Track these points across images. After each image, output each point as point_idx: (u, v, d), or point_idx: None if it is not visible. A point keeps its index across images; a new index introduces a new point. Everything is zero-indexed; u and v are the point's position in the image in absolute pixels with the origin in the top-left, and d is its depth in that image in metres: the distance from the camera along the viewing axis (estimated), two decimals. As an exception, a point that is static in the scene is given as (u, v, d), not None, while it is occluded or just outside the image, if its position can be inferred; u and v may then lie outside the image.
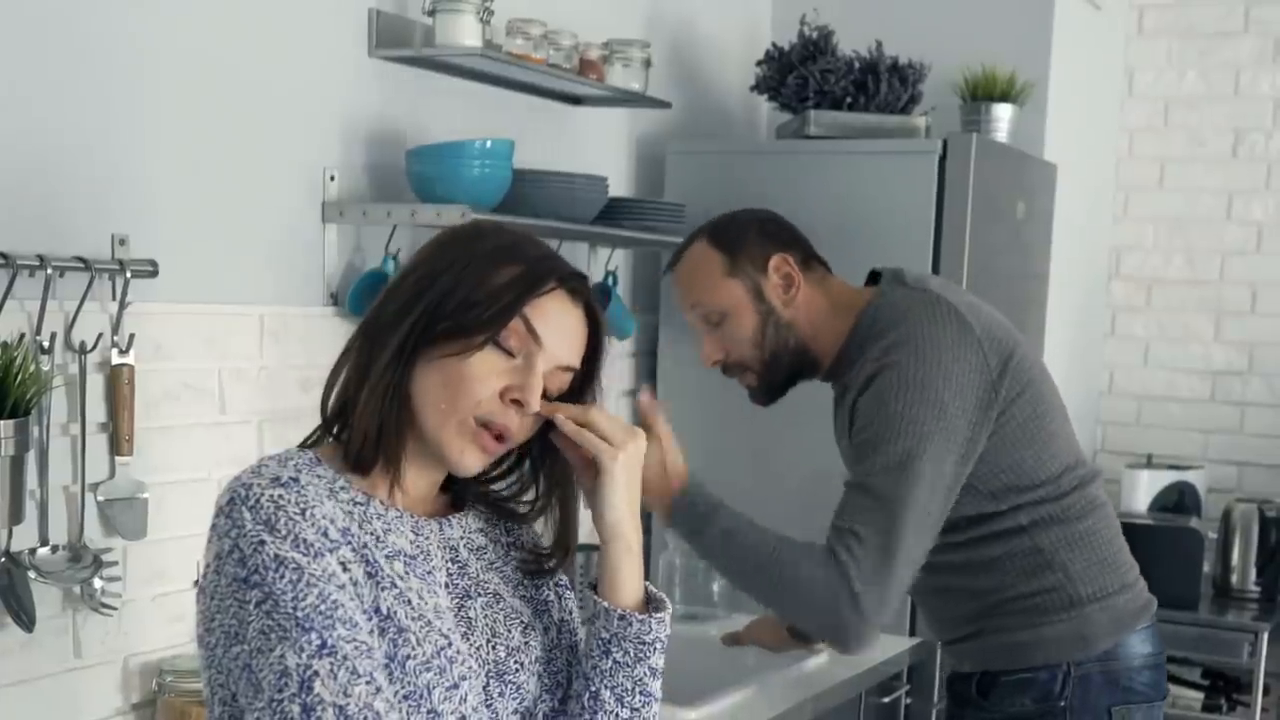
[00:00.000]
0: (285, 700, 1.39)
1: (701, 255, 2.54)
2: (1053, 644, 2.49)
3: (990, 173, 3.39)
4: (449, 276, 1.54)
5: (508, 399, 1.54)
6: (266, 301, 2.61)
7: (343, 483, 1.54)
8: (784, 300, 2.52)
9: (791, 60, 3.57)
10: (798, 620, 2.58)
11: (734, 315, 2.53)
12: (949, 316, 2.42)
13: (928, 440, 2.32)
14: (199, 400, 2.49)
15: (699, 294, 2.55)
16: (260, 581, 1.41)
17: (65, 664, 2.30)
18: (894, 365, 2.37)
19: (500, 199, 2.74)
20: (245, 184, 2.55)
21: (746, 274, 2.51)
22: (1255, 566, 4.24)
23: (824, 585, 2.29)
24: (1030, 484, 2.46)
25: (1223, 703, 4.27)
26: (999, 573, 2.50)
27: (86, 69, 2.26)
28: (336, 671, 1.39)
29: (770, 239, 2.54)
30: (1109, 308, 4.84)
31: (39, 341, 2.19)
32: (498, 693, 1.58)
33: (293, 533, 1.43)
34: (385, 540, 1.53)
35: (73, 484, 2.29)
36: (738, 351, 2.55)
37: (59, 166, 2.24)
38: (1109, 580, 2.50)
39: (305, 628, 1.40)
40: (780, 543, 2.35)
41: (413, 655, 1.49)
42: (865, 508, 2.32)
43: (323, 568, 1.43)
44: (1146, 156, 4.76)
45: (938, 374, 2.35)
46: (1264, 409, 4.65)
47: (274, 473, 1.48)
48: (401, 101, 2.87)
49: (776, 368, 2.56)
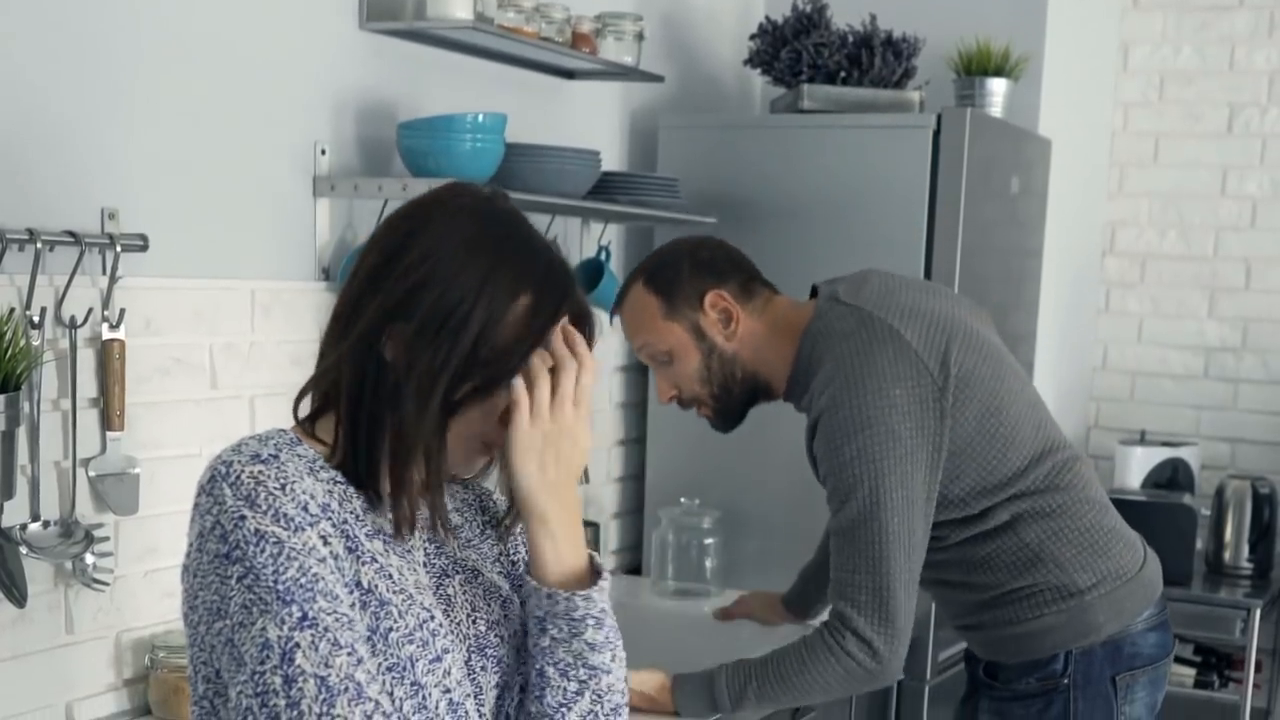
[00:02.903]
0: (267, 672, 1.39)
1: (639, 299, 2.56)
2: (1056, 633, 2.51)
3: (984, 148, 3.38)
4: (470, 310, 1.49)
5: (506, 423, 1.54)
6: (257, 276, 2.59)
7: (321, 462, 1.54)
8: (725, 335, 2.54)
9: (785, 34, 3.56)
10: (846, 694, 2.65)
11: (678, 355, 2.55)
12: (884, 337, 2.42)
13: (888, 474, 2.37)
14: (190, 375, 2.48)
15: (643, 337, 2.58)
16: (241, 556, 1.42)
17: (57, 640, 2.30)
18: (836, 406, 2.40)
19: (492, 173, 2.73)
20: (236, 157, 2.54)
21: (683, 314, 2.53)
22: (1248, 543, 4.24)
23: (834, 667, 2.42)
24: (1000, 482, 2.46)
25: (1215, 679, 4.29)
26: (991, 570, 2.51)
27: (75, 43, 2.24)
28: (318, 643, 1.40)
29: (705, 273, 2.54)
30: (1103, 283, 4.84)
31: (29, 316, 2.18)
32: (479, 666, 1.59)
33: (273, 508, 1.43)
34: (364, 518, 1.54)
35: (64, 459, 2.28)
36: (688, 388, 2.59)
37: (48, 140, 2.22)
38: (1106, 567, 2.50)
39: (286, 600, 1.40)
40: (780, 660, 2.48)
41: (395, 628, 1.49)
42: (850, 558, 2.41)
43: (303, 541, 1.44)
44: (1141, 131, 4.75)
45: (882, 403, 2.37)
46: (1258, 385, 4.66)
47: (254, 450, 1.48)
48: (393, 75, 2.86)
49: (728, 399, 2.60)
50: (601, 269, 3.36)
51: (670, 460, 3.64)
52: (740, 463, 3.51)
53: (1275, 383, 4.63)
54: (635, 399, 3.75)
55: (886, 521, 2.37)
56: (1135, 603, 2.53)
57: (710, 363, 2.55)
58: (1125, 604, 2.51)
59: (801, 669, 2.44)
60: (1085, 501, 2.52)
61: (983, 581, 2.52)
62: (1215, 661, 4.31)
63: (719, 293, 2.52)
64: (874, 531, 2.38)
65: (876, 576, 2.38)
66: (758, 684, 2.47)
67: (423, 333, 1.49)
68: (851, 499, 2.39)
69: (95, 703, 2.37)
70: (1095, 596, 2.48)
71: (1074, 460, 2.56)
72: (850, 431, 2.38)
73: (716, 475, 3.54)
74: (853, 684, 2.45)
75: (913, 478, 2.38)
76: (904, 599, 2.39)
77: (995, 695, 2.61)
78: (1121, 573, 2.51)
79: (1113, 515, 2.59)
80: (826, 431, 2.41)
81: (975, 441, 2.43)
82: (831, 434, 2.40)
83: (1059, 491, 2.50)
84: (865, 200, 3.33)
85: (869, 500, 2.37)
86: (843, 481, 2.40)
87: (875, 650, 2.39)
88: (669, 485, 3.59)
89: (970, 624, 2.61)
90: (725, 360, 2.55)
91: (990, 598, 2.52)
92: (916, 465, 2.38)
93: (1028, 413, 2.53)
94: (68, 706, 2.33)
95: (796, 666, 2.45)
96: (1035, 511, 2.47)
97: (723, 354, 2.54)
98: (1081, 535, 2.49)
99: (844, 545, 2.42)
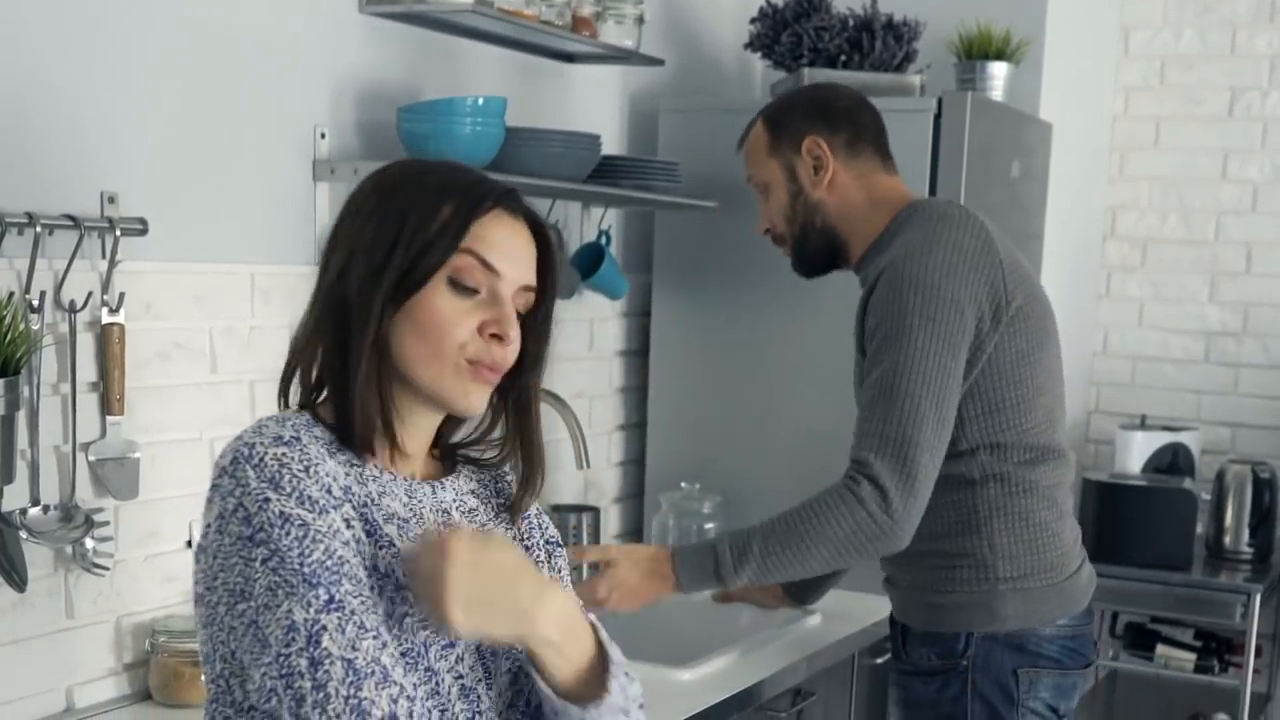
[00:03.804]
0: (293, 655, 1.39)
1: (756, 131, 2.69)
2: (962, 612, 2.53)
3: (985, 132, 3.37)
4: (399, 231, 1.53)
5: (486, 334, 1.54)
6: (257, 260, 2.59)
7: (338, 444, 1.55)
8: (813, 182, 2.62)
9: (785, 17, 3.55)
10: (853, 555, 2.52)
11: (772, 189, 2.67)
12: (976, 231, 2.50)
13: (941, 337, 2.39)
14: (190, 359, 2.47)
15: (750, 167, 2.71)
16: (266, 539, 1.42)
17: (58, 624, 2.30)
18: (909, 258, 2.45)
19: (492, 157, 2.72)
20: (236, 141, 2.53)
21: (783, 153, 2.64)
22: (1248, 528, 4.23)
23: (845, 517, 2.40)
24: (1001, 428, 2.47)
25: (1215, 664, 4.28)
26: (933, 518, 2.48)
27: (75, 27, 2.23)
28: (344, 626, 1.40)
29: (815, 119, 2.63)
30: (1104, 268, 4.83)
31: (28, 300, 2.17)
32: (491, 652, 1.59)
33: (298, 490, 1.44)
34: (380, 503, 1.54)
35: (64, 444, 2.27)
36: (778, 224, 2.68)
37: (47, 124, 2.22)
38: (1031, 564, 2.51)
39: (312, 583, 1.40)
40: (790, 512, 2.46)
41: (410, 613, 1.49)
42: (882, 408, 2.40)
43: (328, 524, 1.44)
44: (1142, 115, 4.74)
45: (953, 277, 2.42)
46: (1258, 370, 4.65)
47: (275, 432, 1.48)
48: (393, 58, 2.85)
49: (805, 245, 2.68)
50: (602, 253, 3.36)
51: (671, 445, 3.64)
52: (740, 448, 3.51)
53: (1276, 367, 4.62)
54: (636, 383, 3.74)
55: (929, 377, 2.38)
56: (1048, 608, 2.53)
57: (795, 204, 2.64)
58: (1037, 605, 2.52)
59: (810, 517, 2.42)
60: (1049, 502, 2.54)
61: (925, 527, 2.48)
62: (1215, 646, 4.31)
63: (817, 139, 2.60)
64: (914, 384, 2.38)
65: (905, 429, 2.37)
66: (762, 539, 2.46)
67: (371, 251, 1.52)
68: (898, 347, 2.40)
69: (95, 687, 2.37)
70: (1009, 588, 2.50)
71: (1062, 455, 2.58)
72: (918, 284, 2.42)
73: (717, 460, 3.54)
74: (861, 541, 2.41)
75: (958, 354, 2.41)
76: (927, 461, 2.39)
77: (901, 669, 2.66)
78: (1045, 573, 2.52)
79: (1068, 524, 2.59)
80: (892, 278, 2.45)
81: (1007, 374, 2.46)
82: (897, 281, 2.44)
83: (1033, 476, 2.51)
84: (866, 184, 3.33)
85: (917, 353, 2.39)
86: (896, 328, 2.41)
87: (889, 502, 2.37)
88: (669, 470, 3.59)
89: (893, 576, 2.64)
90: (810, 206, 2.63)
91: (916, 551, 2.49)
92: (961, 346, 2.41)
93: (1055, 392, 2.56)
94: (68, 691, 2.33)
95: (806, 514, 2.43)
96: (1002, 477, 2.49)
97: (808, 199, 2.63)
98: (1026, 529, 2.51)
99: (877, 398, 2.41)
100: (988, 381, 2.46)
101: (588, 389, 3.56)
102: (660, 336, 3.67)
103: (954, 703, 2.54)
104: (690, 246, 3.56)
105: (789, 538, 2.44)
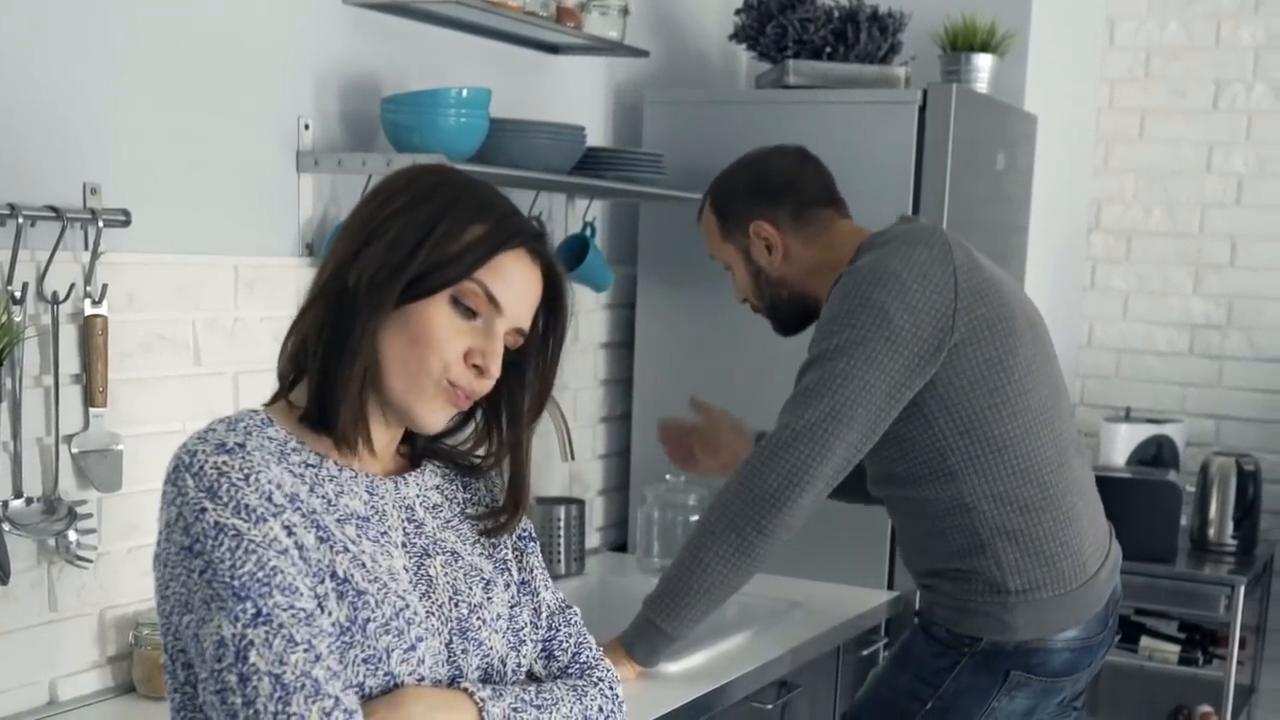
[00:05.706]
0: (224, 670, 1.39)
1: (706, 216, 2.78)
2: (977, 619, 2.53)
3: (970, 124, 3.38)
4: (425, 236, 1.53)
5: (469, 362, 1.55)
6: (241, 252, 2.58)
7: (294, 444, 1.54)
8: (768, 261, 2.69)
9: (770, 9, 3.55)
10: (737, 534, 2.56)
11: (735, 269, 2.76)
12: (934, 242, 2.50)
13: (864, 344, 2.41)
14: (173, 351, 2.47)
15: (709, 247, 2.80)
16: (202, 550, 1.42)
17: (41, 616, 2.29)
18: (857, 270, 2.48)
19: (477, 148, 2.72)
20: (219, 132, 2.52)
21: (734, 238, 2.73)
22: (1232, 520, 4.24)
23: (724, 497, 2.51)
24: (981, 442, 2.46)
25: (1199, 655, 4.29)
26: (940, 541, 2.54)
27: (57, 18, 2.22)
28: (271, 640, 1.39)
29: (756, 200, 2.69)
30: (1088, 260, 4.84)
31: (10, 292, 2.16)
32: (461, 650, 1.58)
33: (235, 499, 1.43)
34: (337, 504, 1.53)
35: (46, 435, 2.27)
36: (750, 297, 2.78)
37: (30, 115, 2.21)
38: (1041, 576, 2.50)
39: (241, 596, 1.40)
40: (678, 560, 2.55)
41: (373, 618, 1.49)
42: (794, 408, 2.47)
43: (263, 533, 1.43)
44: (1127, 107, 4.75)
45: (891, 287, 2.42)
46: (1243, 362, 4.66)
47: (220, 438, 1.47)
48: (376, 49, 2.84)
49: (778, 311, 2.76)
50: (586, 245, 3.35)
51: (655, 437, 3.63)
52: (726, 439, 3.51)
53: (1260, 360, 4.63)
54: (620, 375, 3.74)
55: (838, 376, 2.42)
56: (1060, 618, 2.53)
57: (759, 281, 2.73)
58: (1048, 617, 2.52)
59: (695, 540, 2.51)
60: (1054, 513, 2.51)
61: (932, 548, 2.57)
62: (1199, 638, 4.32)
63: (761, 223, 2.67)
64: (820, 379, 2.43)
65: (801, 471, 2.43)
66: (672, 586, 2.51)
67: (393, 246, 1.52)
68: (817, 344, 2.47)
69: (79, 680, 2.37)
70: (1019, 600, 2.50)
71: (1065, 466, 2.55)
72: (849, 294, 2.45)
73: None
74: (737, 518, 2.46)
75: (888, 361, 2.41)
76: (809, 500, 2.45)
77: (914, 626, 2.68)
78: (1057, 584, 2.51)
79: (1082, 527, 2.56)
80: (837, 289, 2.49)
81: (975, 384, 2.45)
82: (838, 293, 2.48)
83: (1029, 508, 2.49)
84: (850, 176, 3.30)
85: (831, 350, 2.43)
86: (819, 334, 2.49)
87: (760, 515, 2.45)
88: (654, 462, 3.58)
89: (925, 583, 2.66)
90: (773, 281, 2.71)
91: (932, 569, 2.59)
92: (895, 353, 2.41)
93: (1038, 392, 2.52)
94: (51, 684, 2.32)
95: (692, 545, 2.51)
96: (997, 510, 2.48)
97: (768, 277, 2.71)
98: (1032, 543, 2.49)
99: (792, 401, 2.49)
100: (956, 393, 2.45)
101: (572, 381, 3.56)
102: (645, 328, 3.67)
103: (940, 673, 2.56)
104: (675, 238, 3.55)
105: (691, 571, 2.50)
